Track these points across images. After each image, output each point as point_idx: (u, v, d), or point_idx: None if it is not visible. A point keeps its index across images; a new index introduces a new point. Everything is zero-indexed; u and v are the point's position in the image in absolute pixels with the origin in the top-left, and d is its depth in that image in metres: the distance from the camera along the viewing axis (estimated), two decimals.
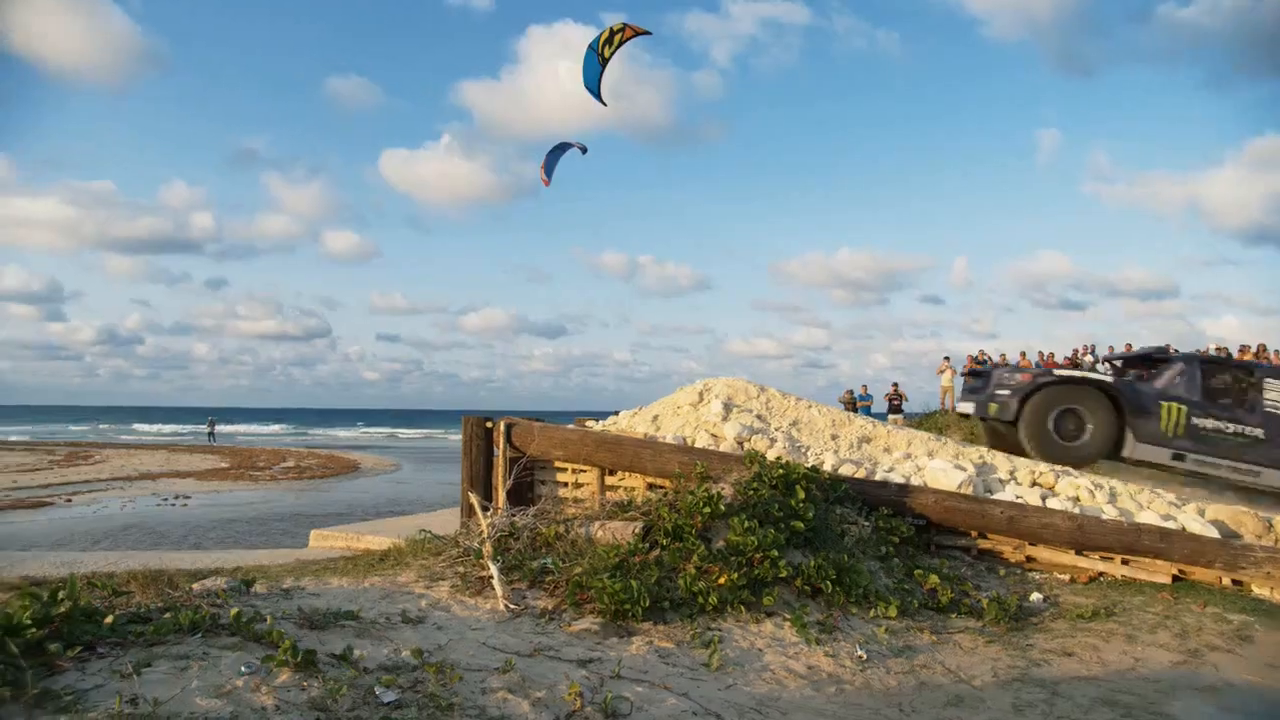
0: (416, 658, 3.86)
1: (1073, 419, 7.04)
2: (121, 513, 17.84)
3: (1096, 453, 7.15)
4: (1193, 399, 6.86)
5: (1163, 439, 6.78)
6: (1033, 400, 7.32)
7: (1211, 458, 6.69)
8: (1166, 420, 6.72)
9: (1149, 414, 6.78)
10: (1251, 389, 6.89)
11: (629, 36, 11.25)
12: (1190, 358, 7.11)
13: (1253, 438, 6.57)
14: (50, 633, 3.41)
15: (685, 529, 5.82)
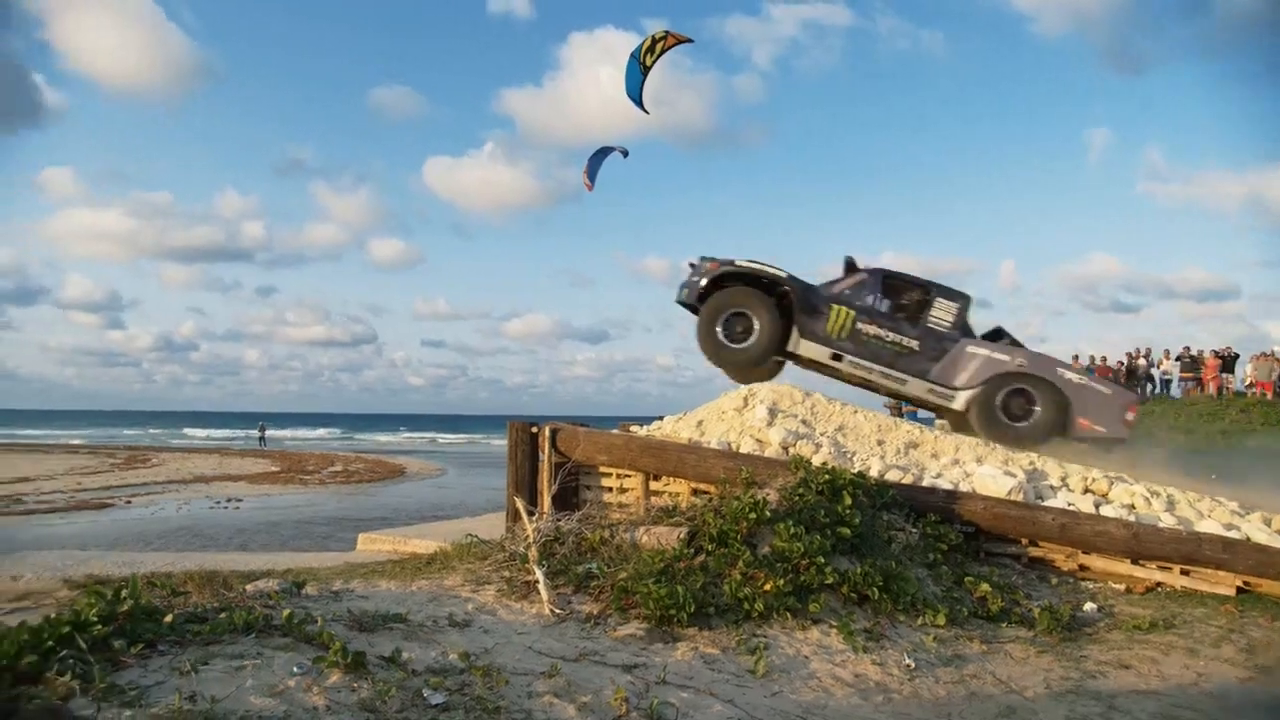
0: (464, 661, 3.89)
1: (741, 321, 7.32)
2: (177, 514, 18.30)
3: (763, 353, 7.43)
4: (863, 306, 7.20)
5: (826, 339, 7.11)
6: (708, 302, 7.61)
7: (866, 361, 7.08)
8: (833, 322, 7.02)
9: (819, 314, 7.09)
10: (923, 306, 7.21)
11: (671, 45, 11.28)
12: (874, 270, 7.44)
13: (908, 348, 6.96)
14: (115, 630, 3.51)
15: (730, 534, 5.79)
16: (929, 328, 7.02)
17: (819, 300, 7.04)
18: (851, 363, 7.06)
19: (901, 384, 6.87)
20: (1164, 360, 21.94)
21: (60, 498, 20.75)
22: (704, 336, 7.34)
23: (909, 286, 7.28)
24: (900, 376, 6.92)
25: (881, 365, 6.96)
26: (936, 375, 6.90)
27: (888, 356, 6.91)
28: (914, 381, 6.92)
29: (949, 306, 7.05)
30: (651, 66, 11.17)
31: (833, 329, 6.94)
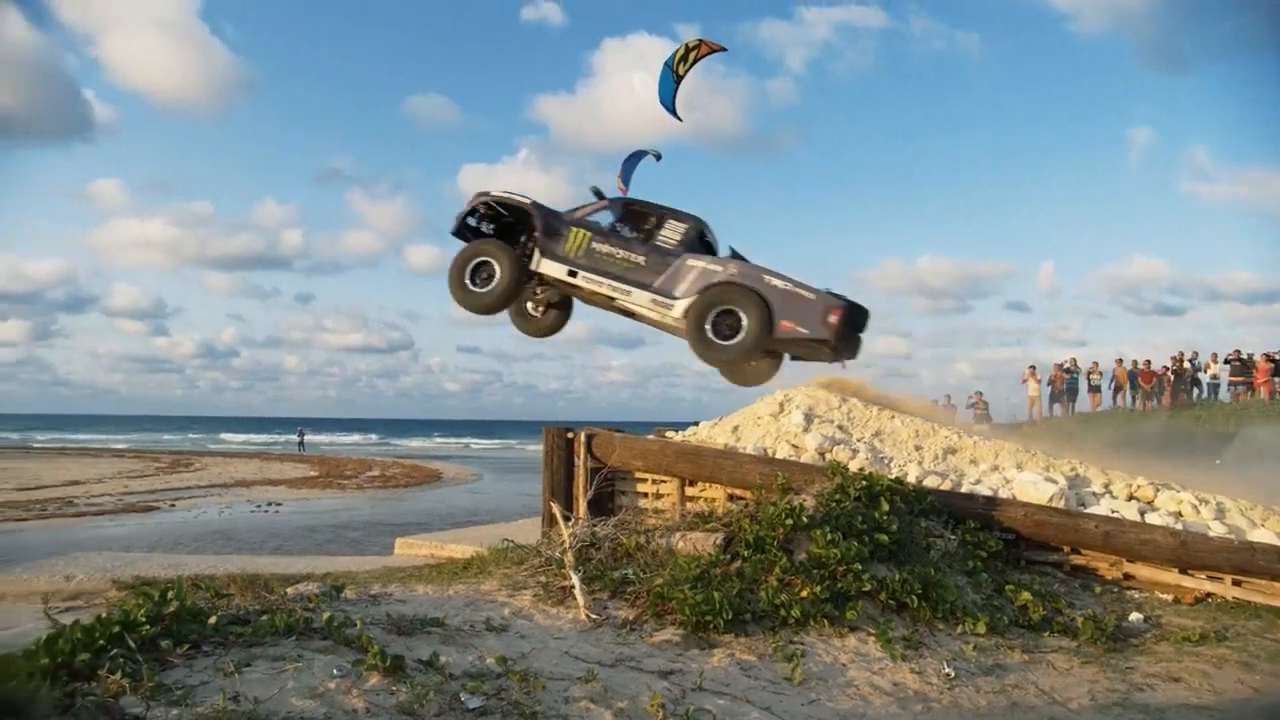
0: (501, 665, 3.92)
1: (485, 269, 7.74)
2: (219, 518, 18.67)
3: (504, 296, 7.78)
4: (599, 228, 7.66)
5: (564, 258, 7.50)
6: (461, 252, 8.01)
7: (598, 275, 7.44)
8: (571, 243, 7.48)
9: (560, 237, 7.56)
10: (655, 227, 7.62)
11: (704, 54, 11.30)
12: (616, 199, 7.95)
13: (636, 264, 7.34)
14: (161, 630, 3.60)
15: (767, 541, 5.76)
16: (656, 245, 7.44)
17: (561, 224, 7.54)
18: (585, 278, 7.46)
19: (627, 295, 7.27)
20: (1211, 364, 21.41)
21: (109, 501, 21.28)
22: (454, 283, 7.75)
23: (647, 212, 7.74)
24: (626, 289, 7.30)
25: (611, 279, 7.35)
26: (659, 286, 7.27)
27: (617, 271, 7.31)
28: (638, 293, 7.28)
29: (677, 227, 7.48)
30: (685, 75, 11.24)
31: (570, 249, 7.38)
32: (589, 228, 7.60)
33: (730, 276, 7.20)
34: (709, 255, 7.66)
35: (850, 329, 7.41)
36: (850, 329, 7.41)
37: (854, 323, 7.55)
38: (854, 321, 7.48)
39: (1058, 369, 21.69)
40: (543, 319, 8.61)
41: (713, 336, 7.02)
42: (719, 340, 7.02)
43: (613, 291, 7.35)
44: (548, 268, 7.43)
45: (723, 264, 7.23)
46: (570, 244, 7.47)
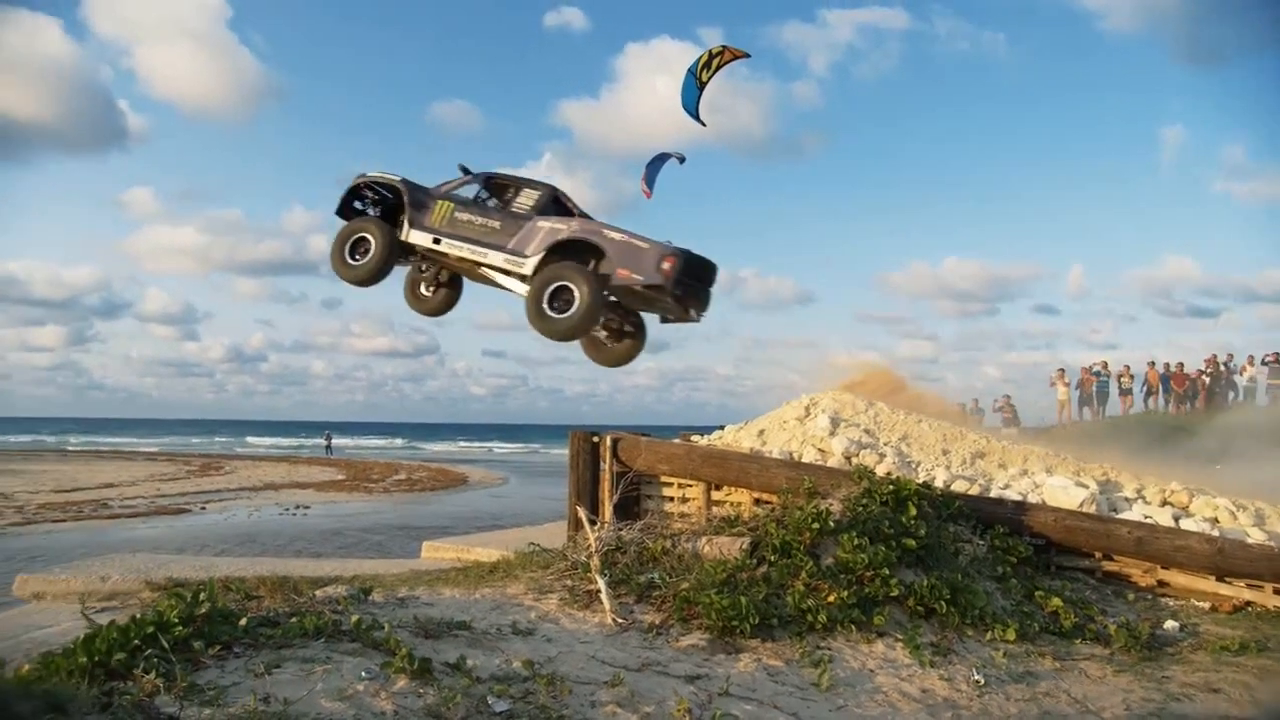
0: (527, 669, 3.93)
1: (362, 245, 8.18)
2: (248, 520, 18.91)
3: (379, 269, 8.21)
4: (462, 199, 8.15)
5: (429, 228, 7.97)
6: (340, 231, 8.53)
7: (458, 241, 7.89)
8: (436, 214, 7.97)
9: (427, 209, 8.04)
10: (514, 195, 8.07)
11: (728, 60, 11.34)
12: (479, 174, 8.35)
13: (492, 229, 7.78)
14: (194, 631, 3.65)
15: (793, 545, 5.74)
16: (512, 211, 7.94)
17: (429, 199, 8.06)
18: (448, 244, 7.95)
19: (484, 256, 7.74)
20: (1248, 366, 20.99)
21: (141, 503, 21.64)
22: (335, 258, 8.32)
23: (507, 184, 8.24)
24: (484, 251, 7.78)
25: (471, 244, 7.84)
26: (512, 247, 7.71)
27: (476, 236, 7.81)
28: (493, 254, 7.74)
29: (531, 194, 7.94)
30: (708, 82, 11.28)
31: (435, 219, 7.90)
32: (453, 200, 8.05)
33: (573, 232, 7.59)
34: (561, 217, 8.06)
35: (692, 280, 7.61)
36: (692, 280, 7.61)
37: (696, 274, 7.74)
38: (695, 273, 7.70)
39: (1085, 372, 21.38)
40: (434, 298, 9.00)
41: (550, 312, 7.35)
42: (556, 314, 7.35)
43: (472, 255, 7.79)
44: (415, 237, 7.91)
45: (566, 222, 7.67)
46: (435, 215, 7.94)
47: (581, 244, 7.51)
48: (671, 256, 7.21)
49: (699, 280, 7.79)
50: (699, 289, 7.78)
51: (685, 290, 7.43)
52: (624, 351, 8.47)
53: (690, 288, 7.50)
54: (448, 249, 7.93)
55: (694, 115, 11.32)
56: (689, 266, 7.44)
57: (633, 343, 8.37)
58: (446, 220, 7.94)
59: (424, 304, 9.00)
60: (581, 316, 7.10)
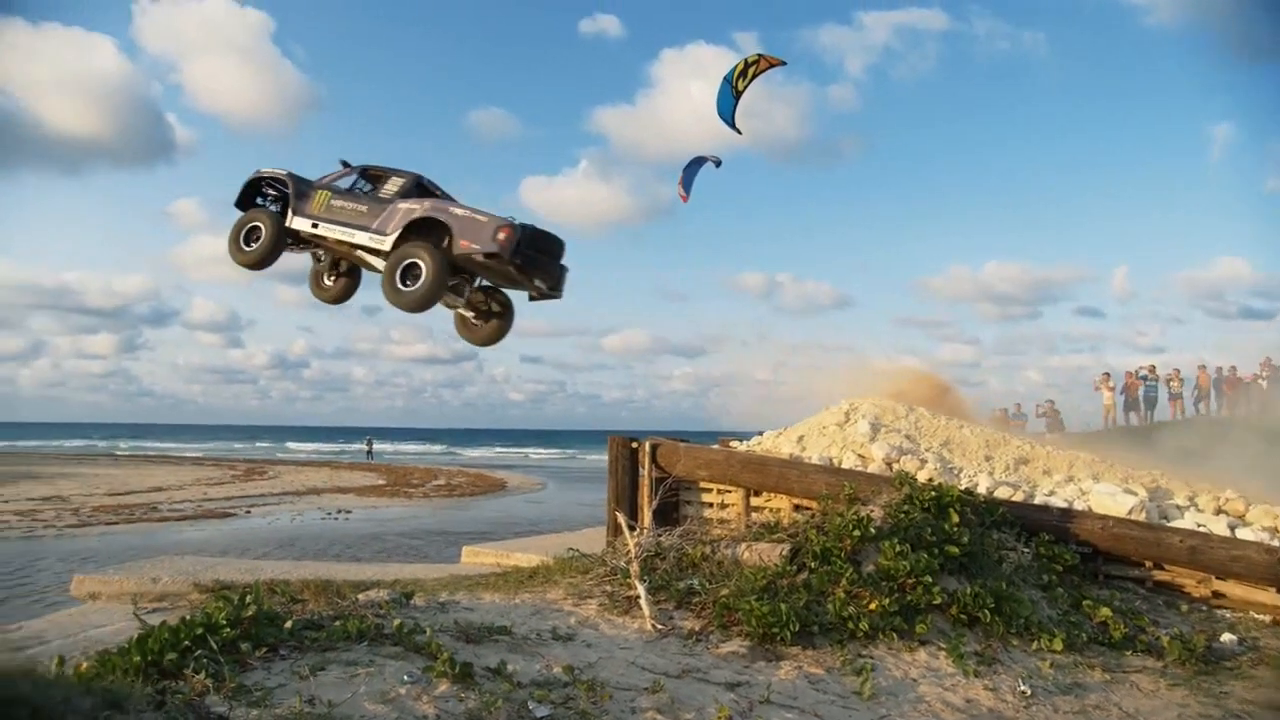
0: (568, 674, 3.94)
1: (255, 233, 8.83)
2: (291, 524, 19.23)
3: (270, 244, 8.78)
4: (339, 189, 8.82)
5: (308, 214, 8.63)
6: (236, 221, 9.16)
7: (332, 224, 8.54)
8: (316, 202, 8.63)
9: (309, 199, 8.71)
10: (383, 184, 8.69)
11: (764, 69, 11.36)
12: (356, 166, 9.04)
13: (362, 212, 8.42)
14: (241, 633, 3.72)
15: (834, 552, 5.69)
16: (379, 197, 8.59)
17: (311, 189, 8.74)
18: (324, 228, 8.58)
19: (353, 236, 8.37)
20: None
21: (189, 506, 22.12)
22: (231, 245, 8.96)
23: (379, 174, 8.89)
24: (352, 232, 8.39)
25: (342, 226, 8.49)
26: (375, 227, 8.37)
27: (346, 220, 8.44)
28: (360, 234, 8.38)
29: (397, 181, 8.60)
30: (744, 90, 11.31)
31: (315, 207, 8.58)
32: (331, 189, 8.74)
33: (424, 210, 8.20)
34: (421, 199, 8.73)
35: (532, 250, 8.14)
36: (532, 250, 8.14)
37: (536, 246, 8.25)
38: (536, 245, 8.23)
39: (1130, 376, 20.87)
40: (334, 286, 9.59)
41: (401, 286, 7.94)
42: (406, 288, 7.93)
43: (343, 235, 8.48)
44: (297, 223, 8.61)
45: (420, 203, 8.28)
46: (315, 203, 8.65)
47: (432, 222, 8.14)
48: (507, 228, 7.75)
49: (540, 252, 8.27)
50: (542, 260, 8.25)
51: (525, 260, 7.94)
52: (492, 331, 8.95)
53: (531, 259, 8.00)
54: (324, 232, 8.64)
55: (730, 124, 11.36)
56: (529, 238, 7.99)
57: (499, 322, 8.86)
58: (324, 207, 8.66)
59: (326, 292, 9.61)
60: (428, 288, 7.69)
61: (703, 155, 13.29)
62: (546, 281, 8.35)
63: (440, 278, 7.77)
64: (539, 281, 8.23)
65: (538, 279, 8.23)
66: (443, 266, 7.76)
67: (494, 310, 8.94)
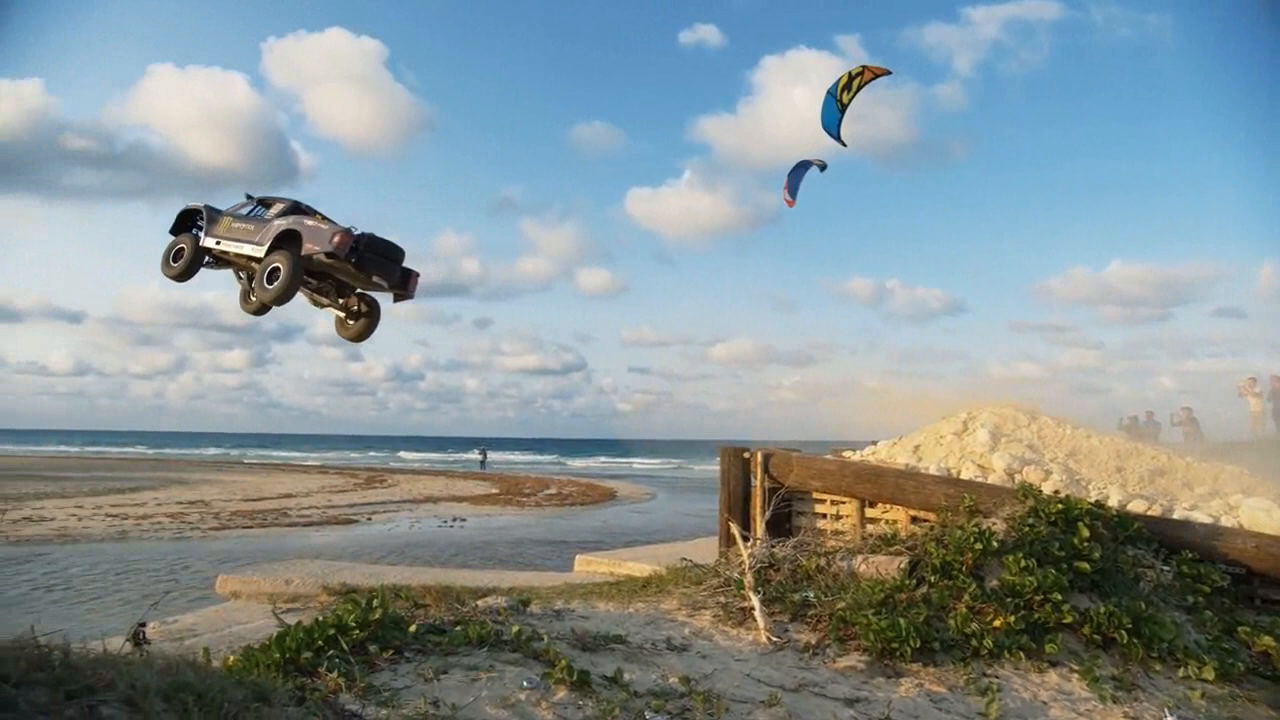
0: (684, 685, 3.94)
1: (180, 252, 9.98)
2: (409, 531, 19.95)
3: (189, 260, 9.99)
4: (240, 215, 10.01)
5: (215, 234, 9.84)
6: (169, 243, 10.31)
7: (230, 241, 9.70)
8: (222, 226, 9.87)
9: (217, 223, 9.95)
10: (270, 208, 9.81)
11: (868, 79, 11.20)
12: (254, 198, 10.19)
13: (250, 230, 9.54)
14: (369, 635, 3.89)
15: (954, 566, 5.50)
16: (264, 218, 9.77)
17: (219, 216, 9.99)
18: (225, 244, 9.76)
19: (241, 249, 9.54)
20: None
21: (315, 513, 23.26)
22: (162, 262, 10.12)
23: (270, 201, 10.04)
24: (242, 245, 9.55)
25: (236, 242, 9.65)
26: (256, 241, 9.51)
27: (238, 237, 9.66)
28: (246, 247, 9.51)
29: (279, 206, 9.76)
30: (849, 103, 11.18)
31: (220, 229, 9.82)
32: (234, 215, 10.00)
33: (287, 224, 9.37)
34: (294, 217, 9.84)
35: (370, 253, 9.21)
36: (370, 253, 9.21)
37: (377, 250, 9.33)
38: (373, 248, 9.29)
39: (1278, 381, 19.29)
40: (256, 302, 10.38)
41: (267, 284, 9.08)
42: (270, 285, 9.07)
43: (237, 249, 9.69)
44: (208, 242, 9.86)
45: (288, 219, 9.43)
46: (221, 227, 9.91)
47: (294, 233, 9.32)
48: (343, 234, 8.98)
49: (379, 255, 9.39)
50: (379, 261, 9.35)
51: (361, 260, 9.08)
52: (360, 328, 10.14)
53: (367, 259, 9.15)
54: (226, 247, 9.92)
55: (835, 136, 11.23)
56: (368, 243, 9.18)
57: (366, 321, 10.06)
58: (227, 229, 9.97)
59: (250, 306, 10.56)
60: (284, 282, 8.86)
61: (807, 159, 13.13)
62: (386, 280, 9.50)
63: (294, 275, 9.03)
64: (377, 279, 9.40)
65: (376, 277, 9.37)
66: (296, 267, 9.03)
67: (362, 311, 10.18)
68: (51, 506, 23.13)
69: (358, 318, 10.20)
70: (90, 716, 1.71)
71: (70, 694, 1.77)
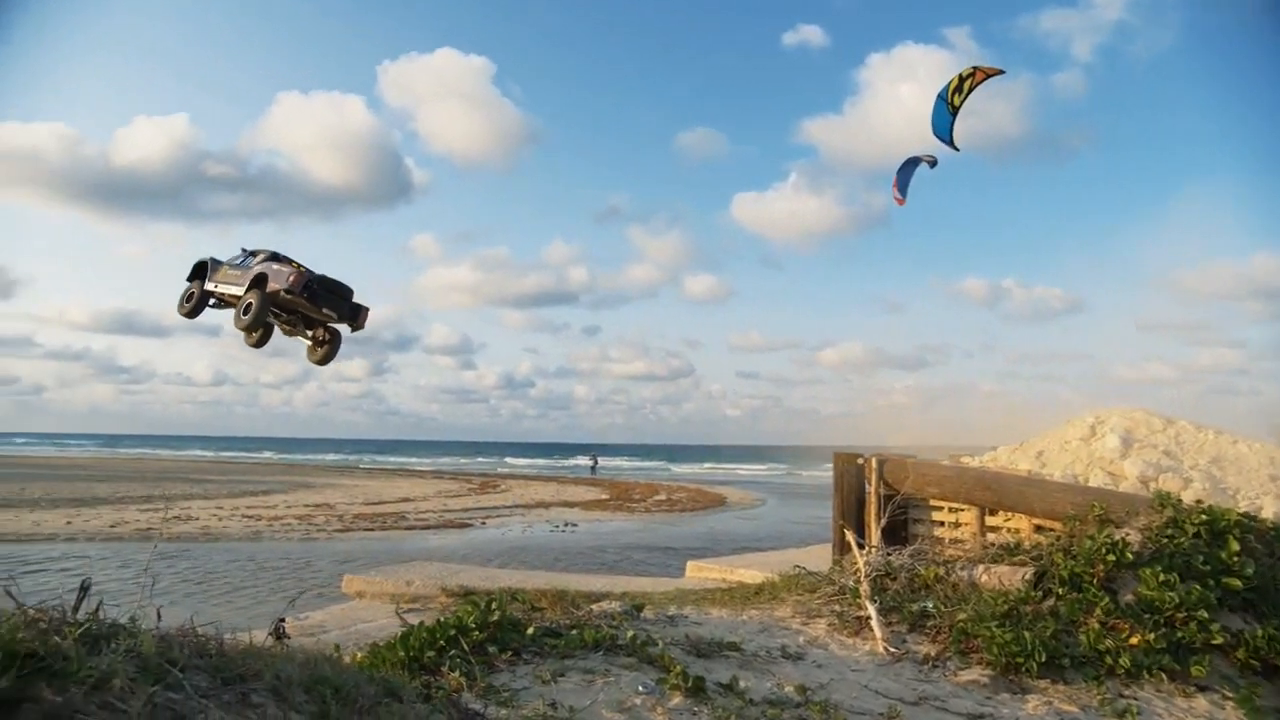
0: (800, 695, 3.88)
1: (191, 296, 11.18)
2: (522, 535, 20.39)
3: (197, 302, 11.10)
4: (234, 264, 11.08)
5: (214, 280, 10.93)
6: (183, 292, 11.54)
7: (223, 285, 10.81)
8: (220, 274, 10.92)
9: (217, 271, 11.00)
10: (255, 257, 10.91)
11: (980, 80, 10.83)
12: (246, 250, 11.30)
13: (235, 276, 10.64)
14: (488, 637, 4.01)
15: (1084, 578, 5.22)
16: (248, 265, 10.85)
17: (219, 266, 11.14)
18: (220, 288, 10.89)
19: (229, 289, 10.71)
20: None
21: (432, 516, 24.09)
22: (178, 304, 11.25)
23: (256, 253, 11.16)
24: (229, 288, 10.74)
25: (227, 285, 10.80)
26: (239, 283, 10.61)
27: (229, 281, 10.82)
28: (234, 288, 10.64)
29: (261, 255, 10.93)
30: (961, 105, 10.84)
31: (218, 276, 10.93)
32: (229, 265, 11.24)
33: (259, 269, 10.48)
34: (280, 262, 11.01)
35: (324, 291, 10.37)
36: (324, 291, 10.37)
37: (327, 288, 10.47)
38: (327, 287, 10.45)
39: None
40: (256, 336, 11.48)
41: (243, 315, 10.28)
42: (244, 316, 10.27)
43: (226, 290, 10.88)
44: (209, 286, 11.08)
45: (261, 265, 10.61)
46: (219, 274, 11.10)
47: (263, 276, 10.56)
48: (295, 274, 10.22)
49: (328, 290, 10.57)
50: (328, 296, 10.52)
51: (312, 294, 10.22)
52: (324, 353, 11.27)
53: (318, 294, 10.31)
54: (220, 290, 11.17)
55: (947, 142, 10.92)
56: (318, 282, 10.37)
57: (329, 347, 11.20)
58: (222, 276, 11.19)
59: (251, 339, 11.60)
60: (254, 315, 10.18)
61: (916, 155, 12.76)
62: (336, 312, 10.72)
63: (261, 308, 10.36)
64: (328, 310, 10.63)
65: (326, 309, 10.58)
66: (263, 302, 10.38)
67: (325, 340, 11.38)
68: (196, 507, 24.88)
69: (322, 345, 11.55)
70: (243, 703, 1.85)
71: (225, 680, 1.92)
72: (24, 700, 1.62)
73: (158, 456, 76.20)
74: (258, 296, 10.80)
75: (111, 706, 1.64)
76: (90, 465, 53.47)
